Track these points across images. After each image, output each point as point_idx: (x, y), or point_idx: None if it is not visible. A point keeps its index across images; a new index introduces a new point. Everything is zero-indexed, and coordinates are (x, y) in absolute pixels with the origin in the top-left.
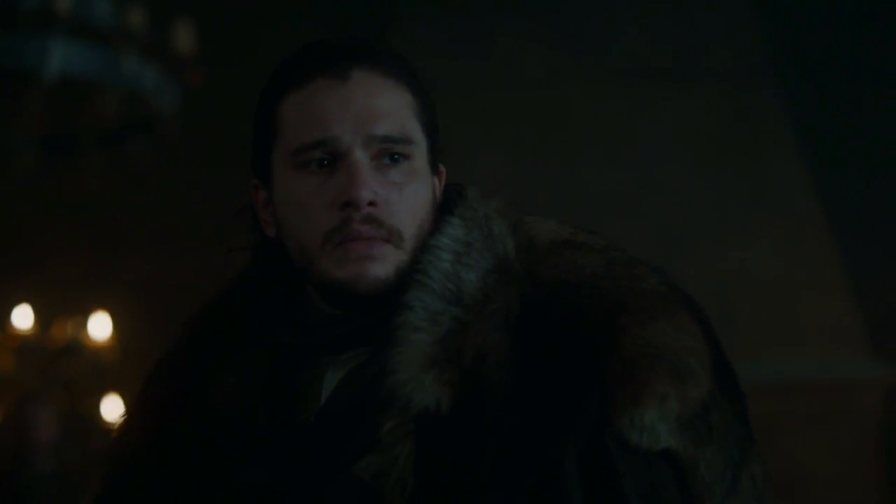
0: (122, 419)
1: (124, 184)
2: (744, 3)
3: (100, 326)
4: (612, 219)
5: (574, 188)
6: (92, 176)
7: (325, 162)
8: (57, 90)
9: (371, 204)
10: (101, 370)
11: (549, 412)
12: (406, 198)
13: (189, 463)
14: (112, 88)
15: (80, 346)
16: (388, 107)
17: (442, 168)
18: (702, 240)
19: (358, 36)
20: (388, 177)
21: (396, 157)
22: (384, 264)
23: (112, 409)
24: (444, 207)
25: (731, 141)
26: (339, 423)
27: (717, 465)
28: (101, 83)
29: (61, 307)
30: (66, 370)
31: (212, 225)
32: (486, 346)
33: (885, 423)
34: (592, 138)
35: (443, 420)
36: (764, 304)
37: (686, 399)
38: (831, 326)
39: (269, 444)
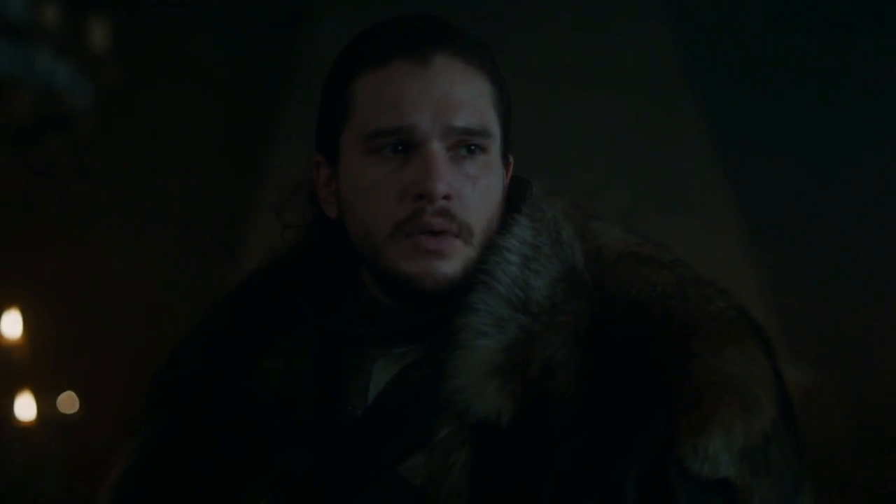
0: (149, 392)
1: (36, 182)
2: (659, 8)
3: (11, 325)
4: None
5: None
6: (3, 174)
7: (400, 148)
8: None
9: (446, 197)
10: (13, 369)
11: (615, 434)
12: (479, 192)
13: (227, 446)
14: (26, 85)
15: None
16: (469, 96)
17: (511, 160)
18: None
19: (440, 17)
20: (463, 169)
21: (473, 148)
22: (453, 262)
23: (24, 407)
24: (510, 202)
25: (645, 144)
26: (388, 421)
27: (771, 498)
28: (15, 80)
29: None
30: None
31: (122, 225)
32: (554, 360)
33: (801, 425)
34: None
35: (502, 432)
36: None
37: (751, 430)
38: None
39: (314, 433)
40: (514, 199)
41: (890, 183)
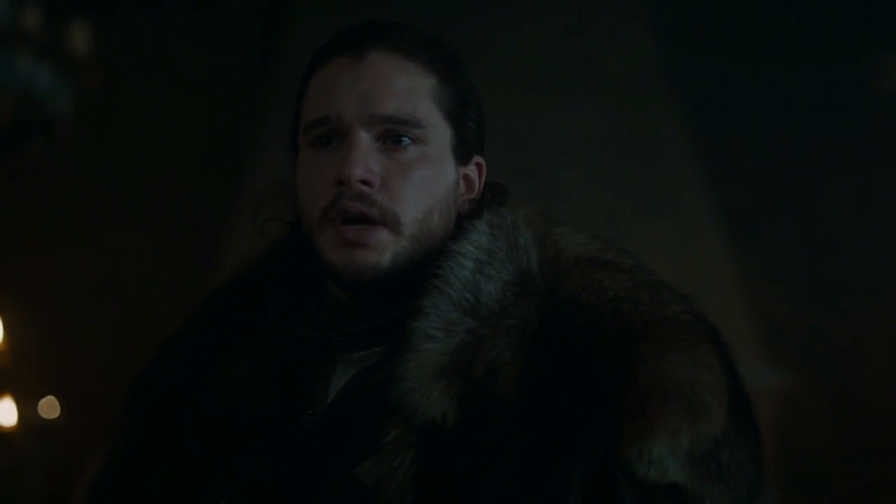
0: (126, 396)
1: (16, 187)
2: (639, 14)
3: None
4: None
5: None
6: None
7: (332, 140)
8: None
9: (365, 183)
10: None
11: (556, 437)
12: (411, 183)
13: (191, 446)
14: (6, 90)
15: None
16: (400, 87)
17: (478, 160)
18: None
19: (399, 21)
20: (392, 159)
21: (404, 139)
22: (377, 252)
23: (5, 412)
24: (477, 207)
25: (625, 150)
26: (343, 425)
27: None
28: None
29: None
30: None
31: (103, 230)
32: (497, 363)
33: (782, 431)
34: (487, 147)
35: (447, 434)
36: None
37: (698, 435)
38: (727, 334)
39: (273, 436)
40: (481, 205)
41: (873, 186)
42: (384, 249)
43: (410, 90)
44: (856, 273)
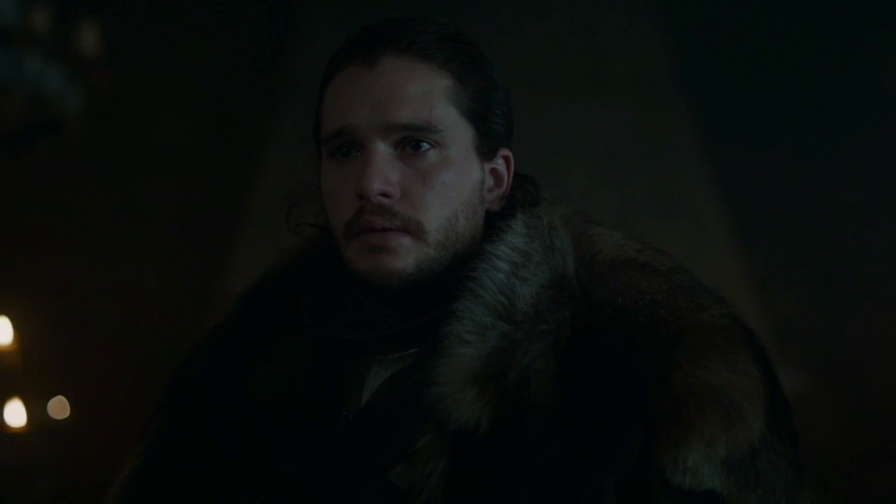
0: (163, 393)
1: (26, 187)
2: (646, 9)
3: (1, 331)
4: None
5: None
6: None
7: (349, 151)
8: None
9: (385, 195)
10: (3, 375)
11: (590, 445)
12: (432, 189)
13: (225, 446)
14: (16, 90)
15: None
16: (414, 92)
17: (505, 153)
18: None
19: (410, 17)
20: (412, 166)
21: (423, 144)
22: (402, 257)
23: (15, 413)
24: (508, 205)
25: (635, 150)
26: (376, 428)
27: None
28: (5, 85)
29: None
30: None
31: (112, 231)
32: (531, 370)
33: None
34: None
35: (480, 440)
36: None
37: (735, 442)
38: None
39: (307, 438)
40: (512, 203)
41: (882, 187)
42: (408, 255)
43: (425, 94)
44: (866, 274)
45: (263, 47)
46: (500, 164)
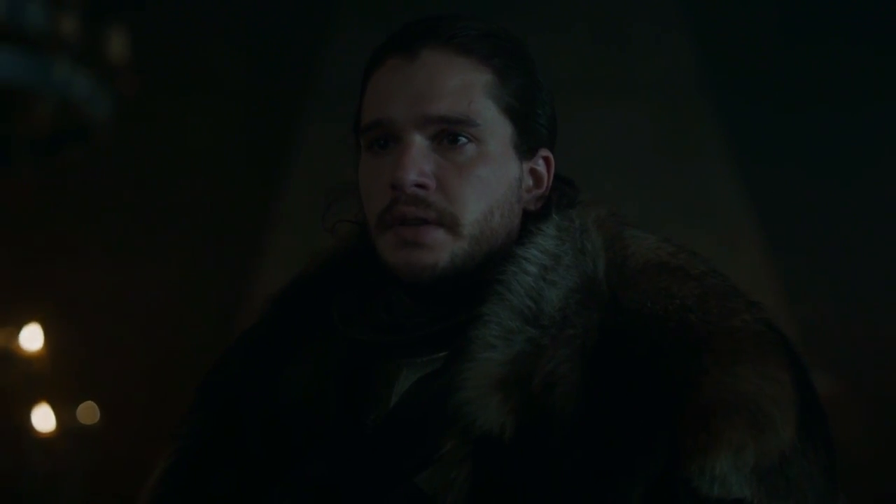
0: (195, 395)
1: (55, 194)
2: (676, 17)
3: (31, 337)
4: None
5: None
6: (24, 185)
7: (388, 143)
8: None
9: (421, 186)
10: (33, 380)
11: (614, 453)
12: (468, 182)
13: (254, 448)
14: (44, 96)
15: (11, 357)
16: (453, 85)
17: (545, 154)
18: None
19: (452, 13)
20: (449, 159)
21: (461, 138)
22: (434, 252)
23: (44, 418)
24: (546, 207)
25: (664, 153)
26: (404, 431)
27: None
28: (33, 91)
29: None
30: None
31: (141, 237)
32: (555, 375)
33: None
34: None
35: (504, 447)
36: None
37: (764, 451)
38: None
39: (335, 441)
40: (549, 205)
41: None
42: (441, 249)
43: (464, 87)
44: (894, 277)
45: (292, 52)
46: (539, 164)
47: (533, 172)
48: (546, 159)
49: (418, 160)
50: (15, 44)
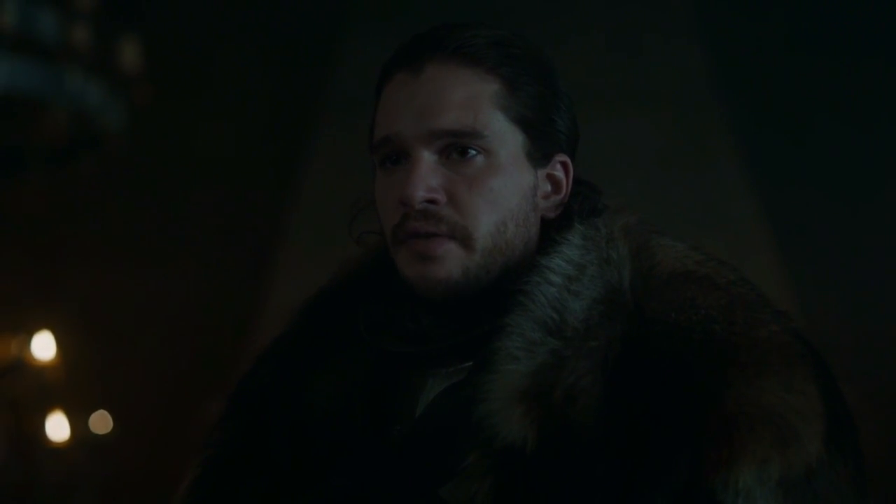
0: (223, 404)
1: (69, 202)
2: (690, 27)
3: (44, 346)
4: None
5: None
6: (36, 194)
7: (398, 160)
8: (1, 107)
9: (431, 202)
10: (46, 389)
11: (637, 465)
12: (479, 195)
13: (282, 459)
14: (57, 106)
15: (24, 365)
16: (458, 98)
17: (562, 159)
18: None
19: (462, 23)
20: (459, 172)
21: (469, 151)
22: (446, 265)
23: (57, 427)
24: (565, 213)
25: (675, 161)
26: (429, 443)
27: None
28: (46, 101)
29: (5, 326)
30: (10, 389)
31: (154, 245)
32: (577, 387)
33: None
34: None
35: (527, 459)
36: None
37: (789, 464)
38: None
39: (362, 452)
40: (569, 212)
41: None
42: (453, 262)
43: (469, 100)
44: None
45: (306, 60)
46: (557, 169)
47: (550, 178)
48: (564, 164)
49: (426, 176)
50: (28, 53)
